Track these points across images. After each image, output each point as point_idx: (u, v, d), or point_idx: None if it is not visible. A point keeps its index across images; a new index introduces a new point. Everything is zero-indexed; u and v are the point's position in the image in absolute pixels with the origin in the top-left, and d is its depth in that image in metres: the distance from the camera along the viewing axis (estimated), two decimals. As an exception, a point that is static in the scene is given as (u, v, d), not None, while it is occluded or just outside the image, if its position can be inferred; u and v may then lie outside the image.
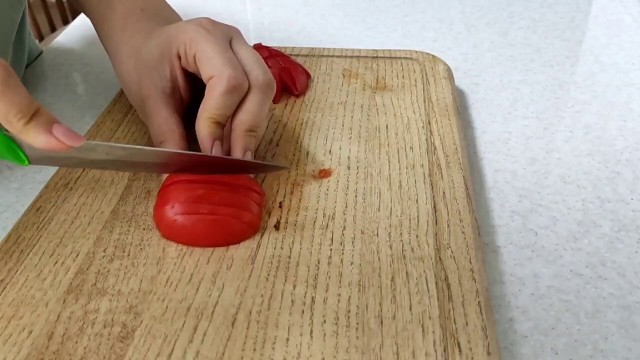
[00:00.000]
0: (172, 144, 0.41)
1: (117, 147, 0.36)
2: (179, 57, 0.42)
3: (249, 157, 0.39)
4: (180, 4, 0.78)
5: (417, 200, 0.40)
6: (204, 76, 0.40)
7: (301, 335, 0.32)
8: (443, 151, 0.45)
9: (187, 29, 0.41)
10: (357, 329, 0.32)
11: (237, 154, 0.39)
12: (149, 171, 0.40)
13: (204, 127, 0.39)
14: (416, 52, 0.59)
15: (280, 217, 0.39)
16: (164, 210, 0.37)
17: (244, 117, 0.40)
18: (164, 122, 0.41)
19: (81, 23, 0.73)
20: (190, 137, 0.42)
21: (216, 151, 0.39)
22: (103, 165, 0.37)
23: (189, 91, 0.44)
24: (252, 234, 0.38)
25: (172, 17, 0.50)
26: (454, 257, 0.36)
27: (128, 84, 0.45)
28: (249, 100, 0.40)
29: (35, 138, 0.31)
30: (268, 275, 0.35)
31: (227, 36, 0.42)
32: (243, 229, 0.37)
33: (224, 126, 0.40)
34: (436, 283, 0.34)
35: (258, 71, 0.40)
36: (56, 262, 0.36)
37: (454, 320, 0.32)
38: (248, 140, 0.40)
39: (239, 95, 0.39)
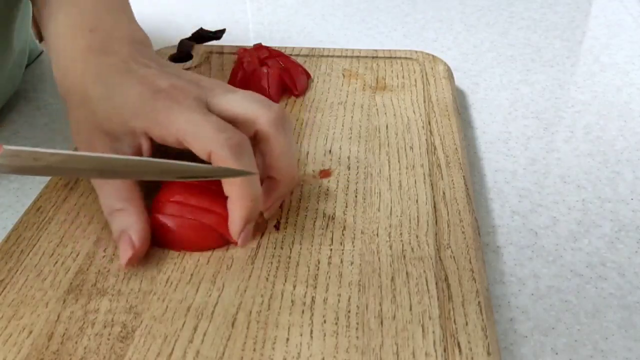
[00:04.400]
0: (134, 213, 0.36)
1: (46, 153, 0.31)
2: (148, 136, 0.36)
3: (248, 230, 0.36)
4: (181, 4, 0.78)
5: (417, 200, 0.40)
6: (201, 155, 0.34)
7: (301, 335, 0.32)
8: (443, 151, 0.45)
9: (157, 108, 0.35)
10: (357, 329, 0.32)
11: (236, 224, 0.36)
12: (89, 177, 0.35)
13: (239, 212, 0.35)
14: (416, 52, 0.59)
15: (280, 217, 0.39)
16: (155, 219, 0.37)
17: (280, 163, 0.36)
18: (125, 189, 0.36)
19: (81, 23, 0.73)
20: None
21: (245, 237, 0.36)
22: (38, 172, 0.32)
23: (152, 150, 0.38)
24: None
25: (132, 36, 0.41)
26: (454, 257, 0.36)
27: (75, 132, 0.39)
28: (274, 142, 0.36)
29: None
30: (268, 275, 0.35)
31: (202, 98, 0.36)
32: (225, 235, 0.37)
33: (260, 201, 0.36)
34: (436, 283, 0.34)
35: (262, 109, 0.36)
36: (56, 262, 0.36)
37: (454, 320, 0.32)
38: (286, 192, 0.37)
39: (248, 154, 0.35)
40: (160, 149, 0.38)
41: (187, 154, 0.35)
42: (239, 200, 0.34)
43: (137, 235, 0.35)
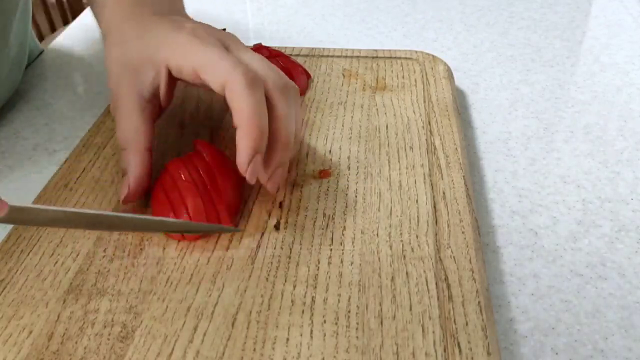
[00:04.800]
0: (134, 154, 0.39)
1: (49, 210, 0.33)
2: (168, 69, 0.39)
3: (277, 174, 0.38)
4: (180, 4, 0.78)
5: (417, 200, 0.40)
6: (216, 86, 0.37)
7: (301, 335, 0.32)
8: (443, 151, 0.45)
9: (178, 40, 0.38)
10: (357, 329, 0.32)
11: (269, 171, 0.38)
12: (85, 229, 0.36)
13: (246, 141, 0.35)
14: (416, 52, 0.59)
15: (280, 217, 0.39)
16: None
17: (279, 126, 0.37)
18: (132, 129, 0.39)
19: (81, 23, 0.73)
20: (161, 150, 0.42)
21: (253, 169, 0.36)
22: (35, 224, 0.34)
23: (168, 101, 0.41)
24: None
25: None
26: (454, 257, 0.36)
27: (109, 70, 0.42)
28: (278, 105, 0.37)
29: None
30: (268, 275, 0.35)
31: (223, 43, 0.39)
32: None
33: (266, 135, 0.36)
34: (436, 283, 0.34)
35: (270, 72, 0.37)
36: (56, 262, 0.36)
37: (454, 320, 0.32)
38: (284, 155, 0.38)
39: (262, 92, 0.36)
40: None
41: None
42: (247, 128, 0.35)
43: (133, 176, 0.38)
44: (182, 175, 0.38)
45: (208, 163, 0.39)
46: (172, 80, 0.40)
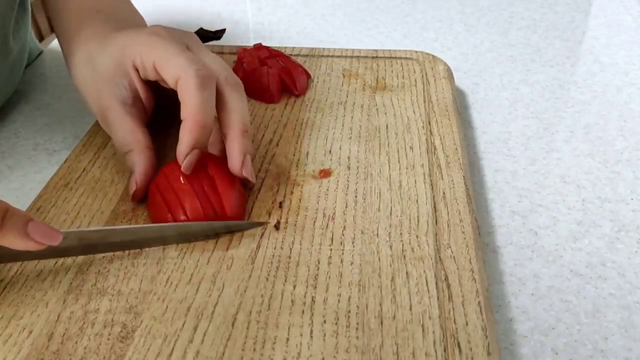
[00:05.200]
0: (138, 154, 0.40)
1: (89, 232, 0.36)
2: (136, 69, 0.40)
3: (248, 160, 0.39)
4: (180, 4, 0.78)
5: (417, 200, 0.40)
6: (170, 80, 0.38)
7: (301, 335, 0.32)
8: (443, 151, 0.45)
9: (139, 39, 0.40)
10: (357, 329, 0.32)
11: (236, 158, 0.38)
12: (124, 249, 0.37)
13: (188, 135, 0.37)
14: (416, 52, 0.59)
15: (280, 217, 0.39)
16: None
17: (234, 117, 0.38)
18: (129, 133, 0.40)
19: (81, 23, 0.73)
20: (155, 147, 0.42)
21: (190, 161, 0.37)
22: (73, 253, 0.36)
23: (152, 100, 0.43)
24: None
25: (131, 19, 0.48)
26: (454, 257, 0.36)
27: (84, 90, 0.43)
28: (231, 98, 0.39)
29: (11, 243, 0.31)
30: (268, 275, 0.35)
31: (183, 42, 0.41)
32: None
33: (209, 131, 0.38)
34: (436, 283, 0.34)
35: (223, 71, 0.39)
36: (56, 262, 0.36)
37: (454, 320, 0.32)
38: (246, 141, 0.39)
39: (212, 90, 0.38)
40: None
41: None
42: (191, 124, 0.37)
43: (139, 173, 0.40)
44: (181, 178, 0.38)
45: (206, 166, 0.39)
46: (147, 81, 0.41)
